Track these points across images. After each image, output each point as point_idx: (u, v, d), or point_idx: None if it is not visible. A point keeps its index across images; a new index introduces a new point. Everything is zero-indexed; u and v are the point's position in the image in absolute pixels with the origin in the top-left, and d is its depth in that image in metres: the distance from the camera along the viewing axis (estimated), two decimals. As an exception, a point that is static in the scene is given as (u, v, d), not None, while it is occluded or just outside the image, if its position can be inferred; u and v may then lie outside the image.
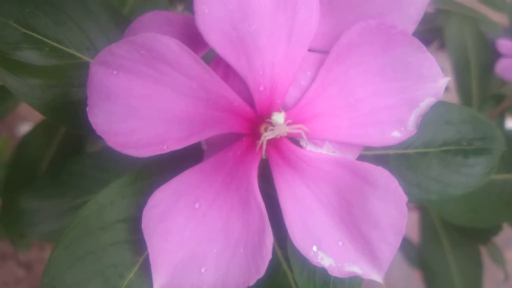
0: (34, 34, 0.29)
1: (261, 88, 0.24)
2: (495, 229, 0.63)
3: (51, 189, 0.51)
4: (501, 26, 0.75)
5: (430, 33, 0.76)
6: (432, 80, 0.24)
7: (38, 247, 1.02)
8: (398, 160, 0.34)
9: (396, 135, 0.24)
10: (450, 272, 0.69)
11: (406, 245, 0.84)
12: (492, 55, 0.69)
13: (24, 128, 1.10)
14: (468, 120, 0.34)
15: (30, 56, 0.28)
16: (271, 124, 0.23)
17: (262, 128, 0.24)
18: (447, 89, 0.85)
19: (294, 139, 0.25)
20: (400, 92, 0.24)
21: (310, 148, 0.25)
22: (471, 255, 0.70)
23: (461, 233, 0.70)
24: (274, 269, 0.31)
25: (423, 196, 0.34)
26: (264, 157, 0.24)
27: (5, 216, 0.58)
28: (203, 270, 0.24)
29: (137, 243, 0.26)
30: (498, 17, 0.78)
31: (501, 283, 0.82)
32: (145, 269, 0.25)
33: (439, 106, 0.24)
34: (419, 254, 0.77)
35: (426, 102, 0.24)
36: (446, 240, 0.71)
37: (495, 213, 0.50)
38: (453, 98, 0.72)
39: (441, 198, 0.34)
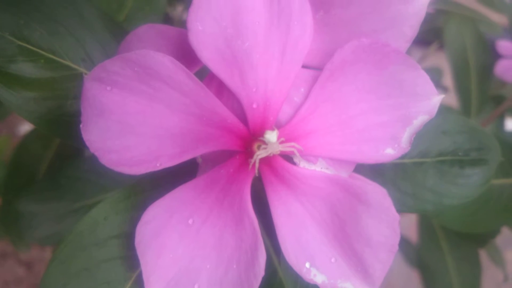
0: (29, 46, 0.29)
1: (254, 106, 0.24)
2: (493, 233, 0.63)
3: (50, 193, 0.51)
4: (500, 26, 0.75)
5: (430, 33, 0.75)
6: (426, 98, 0.24)
7: (39, 246, 1.03)
8: (394, 170, 0.34)
9: (389, 152, 0.24)
10: (448, 273, 0.70)
11: (405, 245, 0.84)
12: (491, 56, 0.68)
13: (25, 127, 1.10)
14: (465, 130, 0.34)
15: (25, 68, 0.28)
16: (264, 142, 0.23)
17: (255, 146, 0.24)
18: (446, 90, 0.85)
19: (288, 156, 0.25)
20: (394, 110, 0.24)
21: (303, 165, 0.25)
22: (470, 256, 0.70)
23: (459, 234, 0.70)
24: (271, 277, 0.32)
25: (419, 206, 0.34)
26: (257, 174, 0.24)
27: (5, 216, 0.58)
28: (196, 286, 0.24)
29: (130, 258, 0.26)
30: (497, 18, 0.77)
31: (501, 284, 0.82)
32: (139, 285, 0.25)
33: (436, 116, 0.24)
34: (418, 254, 0.77)
35: (420, 120, 0.24)
36: (445, 241, 0.71)
37: (493, 218, 0.49)
38: (453, 99, 0.72)
39: (437, 208, 0.34)
